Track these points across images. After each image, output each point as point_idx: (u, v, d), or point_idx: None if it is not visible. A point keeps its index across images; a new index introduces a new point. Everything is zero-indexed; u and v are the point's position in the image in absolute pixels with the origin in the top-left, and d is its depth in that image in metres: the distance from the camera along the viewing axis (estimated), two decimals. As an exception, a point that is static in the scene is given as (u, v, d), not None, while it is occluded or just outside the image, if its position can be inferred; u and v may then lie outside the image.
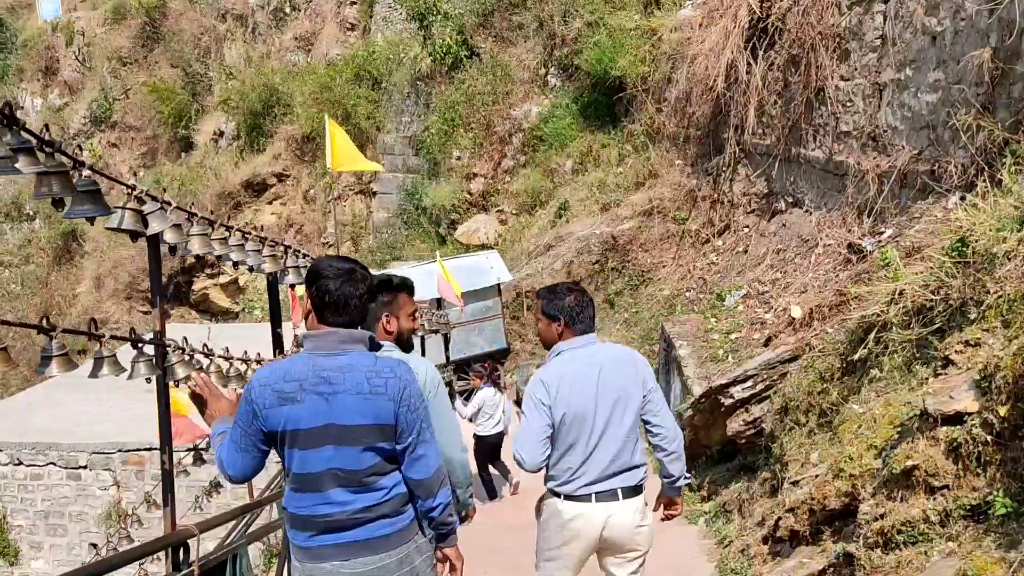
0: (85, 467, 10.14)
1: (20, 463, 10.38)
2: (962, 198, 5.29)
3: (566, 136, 14.39)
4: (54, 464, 10.24)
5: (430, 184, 16.90)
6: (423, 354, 6.74)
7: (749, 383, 6.50)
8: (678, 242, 11.39)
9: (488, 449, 8.54)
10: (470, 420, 8.33)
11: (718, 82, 9.86)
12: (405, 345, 3.32)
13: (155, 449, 9.15)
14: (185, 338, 2.68)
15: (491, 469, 8.65)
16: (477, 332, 11.66)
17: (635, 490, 3.45)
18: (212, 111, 26.65)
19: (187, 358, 2.65)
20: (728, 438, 6.87)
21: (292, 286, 4.05)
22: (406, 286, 3.32)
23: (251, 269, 3.00)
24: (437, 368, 8.80)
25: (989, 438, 2.80)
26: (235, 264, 2.91)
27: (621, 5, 13.60)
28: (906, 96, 7.42)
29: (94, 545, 6.39)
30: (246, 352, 2.85)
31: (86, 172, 2.14)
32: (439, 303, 10.53)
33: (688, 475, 3.64)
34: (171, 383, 3.12)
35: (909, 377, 3.71)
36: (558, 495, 3.44)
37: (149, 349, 2.62)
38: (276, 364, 2.65)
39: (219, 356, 2.95)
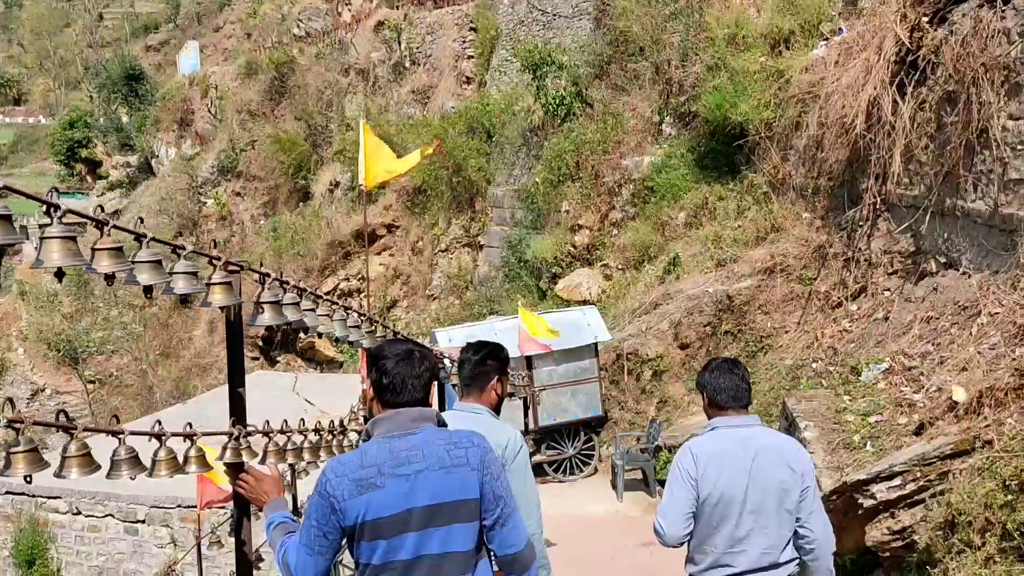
0: (143, 521, 9.49)
1: (79, 512, 9.85)
2: None
3: (680, 187, 13.28)
4: (112, 516, 9.63)
5: (534, 236, 16.09)
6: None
7: (896, 481, 5.23)
8: (804, 304, 10.02)
9: None
10: None
11: (857, 123, 8.60)
12: (497, 411, 3.44)
13: (216, 506, 8.46)
14: (9, 400, 1.80)
15: None
16: (570, 396, 10.48)
17: None
18: (330, 162, 27.17)
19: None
20: (866, 548, 5.52)
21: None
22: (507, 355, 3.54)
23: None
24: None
25: None
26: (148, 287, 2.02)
27: (745, 47, 12.51)
28: (1100, 133, 6.07)
29: None
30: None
31: None
32: (528, 362, 9.49)
33: None
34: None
35: None
36: None
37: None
38: (348, 454, 2.56)
39: (85, 428, 2.06)
